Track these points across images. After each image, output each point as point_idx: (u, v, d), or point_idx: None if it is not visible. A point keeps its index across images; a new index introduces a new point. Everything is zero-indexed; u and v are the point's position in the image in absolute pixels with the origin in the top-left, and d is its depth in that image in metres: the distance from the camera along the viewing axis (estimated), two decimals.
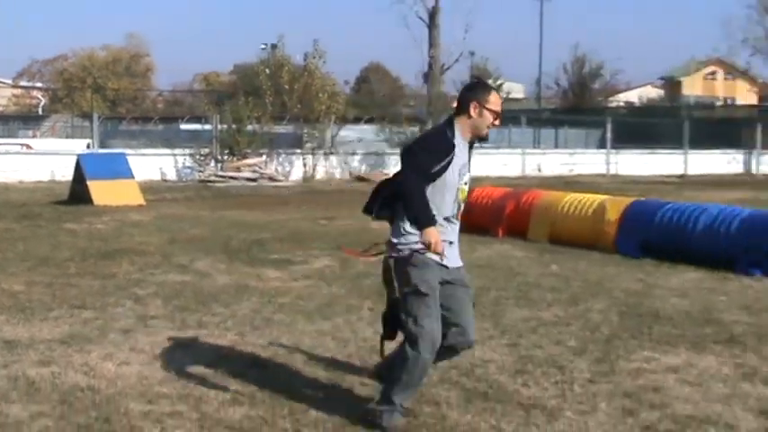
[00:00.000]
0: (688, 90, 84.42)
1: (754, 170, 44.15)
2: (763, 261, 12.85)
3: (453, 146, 6.04)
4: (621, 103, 74.30)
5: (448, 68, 41.27)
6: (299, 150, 35.94)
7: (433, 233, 5.87)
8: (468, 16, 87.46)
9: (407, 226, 6.05)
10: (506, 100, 65.70)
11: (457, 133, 6.10)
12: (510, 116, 49.65)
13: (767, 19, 49.50)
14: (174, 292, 11.02)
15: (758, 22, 49.93)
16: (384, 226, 6.30)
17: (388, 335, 6.41)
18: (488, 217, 17.08)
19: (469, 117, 6.10)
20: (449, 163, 5.99)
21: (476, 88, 6.29)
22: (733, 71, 79.38)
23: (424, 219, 5.89)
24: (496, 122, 6.17)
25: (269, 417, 6.45)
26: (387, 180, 6.37)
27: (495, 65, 65.88)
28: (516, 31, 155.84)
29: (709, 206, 14.77)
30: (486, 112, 6.09)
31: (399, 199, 6.03)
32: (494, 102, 6.12)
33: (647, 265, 13.54)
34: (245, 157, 33.82)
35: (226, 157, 33.86)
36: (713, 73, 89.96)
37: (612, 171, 40.44)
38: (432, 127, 6.24)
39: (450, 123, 6.15)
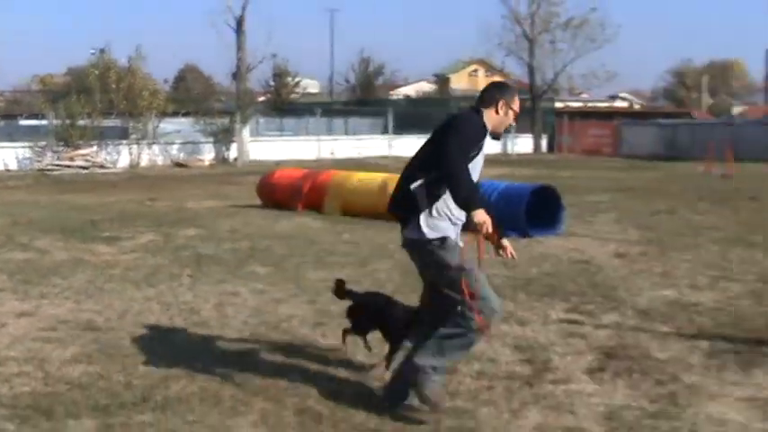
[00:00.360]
0: (455, 85, 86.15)
1: (510, 150, 45.42)
2: (517, 225, 13.30)
3: (486, 134, 5.57)
4: (401, 96, 75.10)
5: (253, 68, 41.12)
6: (125, 141, 35.29)
7: (483, 214, 5.20)
8: (270, 24, 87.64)
9: (435, 213, 5.46)
10: (303, 94, 65.86)
11: (486, 124, 5.61)
12: (307, 108, 49.74)
13: (517, 27, 51.11)
14: (18, 268, 10.71)
15: (511, 30, 51.55)
16: (202, 205, 6.26)
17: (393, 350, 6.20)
18: (289, 194, 17.14)
19: (497, 113, 5.59)
20: (479, 150, 5.50)
21: (505, 89, 5.76)
22: (492, 69, 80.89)
23: (474, 201, 5.24)
24: (514, 123, 5.76)
25: (105, 372, 6.38)
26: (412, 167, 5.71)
27: (293, 65, 65.76)
28: (312, 36, 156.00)
29: None
30: (510, 113, 5.63)
31: (440, 181, 5.38)
32: (517, 104, 5.67)
33: None
34: (77, 147, 33.02)
35: (61, 149, 32.93)
36: (476, 71, 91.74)
37: (394, 153, 40.81)
38: (461, 113, 5.58)
39: (479, 113, 5.60)
